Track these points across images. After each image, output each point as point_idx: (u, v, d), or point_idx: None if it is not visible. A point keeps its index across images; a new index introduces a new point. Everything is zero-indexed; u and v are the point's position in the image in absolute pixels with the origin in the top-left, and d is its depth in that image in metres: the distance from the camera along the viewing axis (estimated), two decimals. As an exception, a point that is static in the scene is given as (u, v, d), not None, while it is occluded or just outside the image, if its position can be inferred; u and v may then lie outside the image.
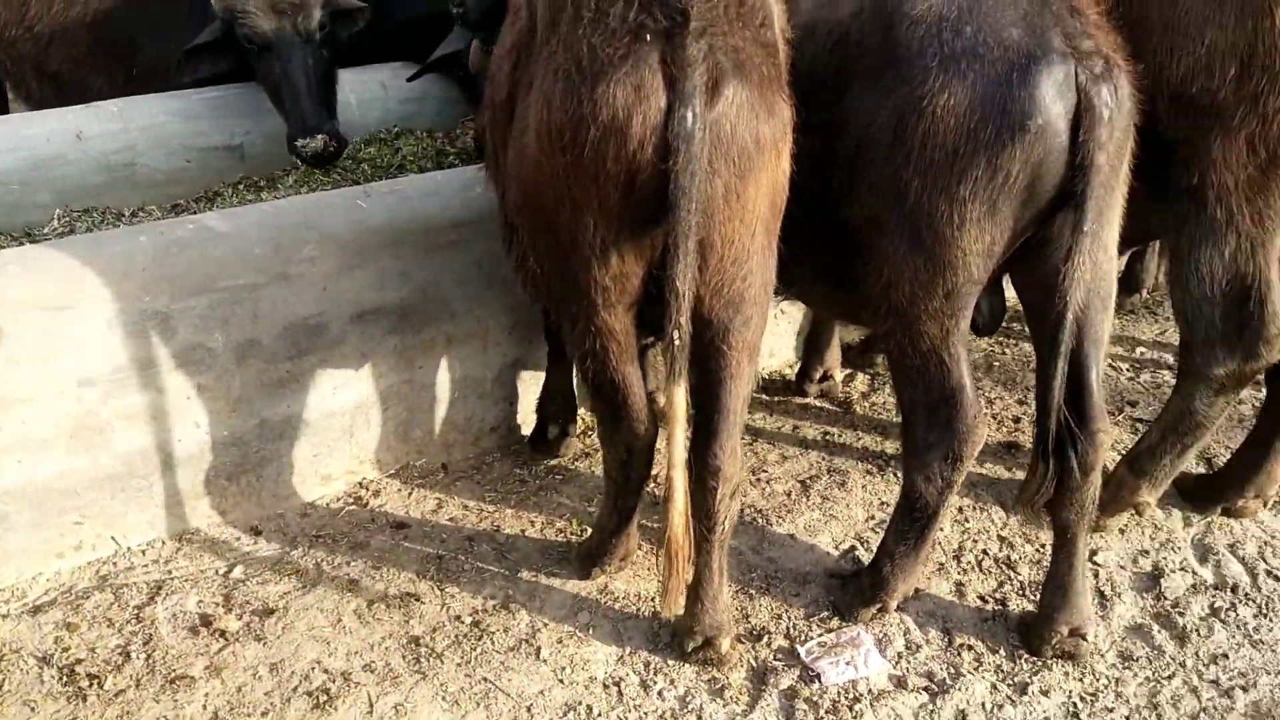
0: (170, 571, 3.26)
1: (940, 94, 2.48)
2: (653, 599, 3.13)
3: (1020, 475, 3.70)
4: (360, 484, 3.65)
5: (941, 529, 3.28)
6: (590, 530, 3.37)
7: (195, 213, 4.03)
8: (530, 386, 3.88)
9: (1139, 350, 4.53)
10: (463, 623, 3.08)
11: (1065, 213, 2.59)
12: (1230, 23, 2.82)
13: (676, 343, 2.41)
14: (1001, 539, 3.45)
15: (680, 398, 2.47)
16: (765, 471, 3.75)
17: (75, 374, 3.11)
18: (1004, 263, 2.72)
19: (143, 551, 3.33)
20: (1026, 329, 3.28)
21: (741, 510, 3.47)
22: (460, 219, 3.62)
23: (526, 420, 3.92)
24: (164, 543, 3.37)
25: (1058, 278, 2.56)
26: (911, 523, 2.97)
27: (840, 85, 2.69)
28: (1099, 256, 2.62)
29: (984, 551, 3.40)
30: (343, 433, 3.58)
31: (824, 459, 3.83)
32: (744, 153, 2.42)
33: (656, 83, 2.33)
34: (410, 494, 3.63)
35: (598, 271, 2.53)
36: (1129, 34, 2.72)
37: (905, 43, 2.55)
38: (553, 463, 3.80)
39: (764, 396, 4.15)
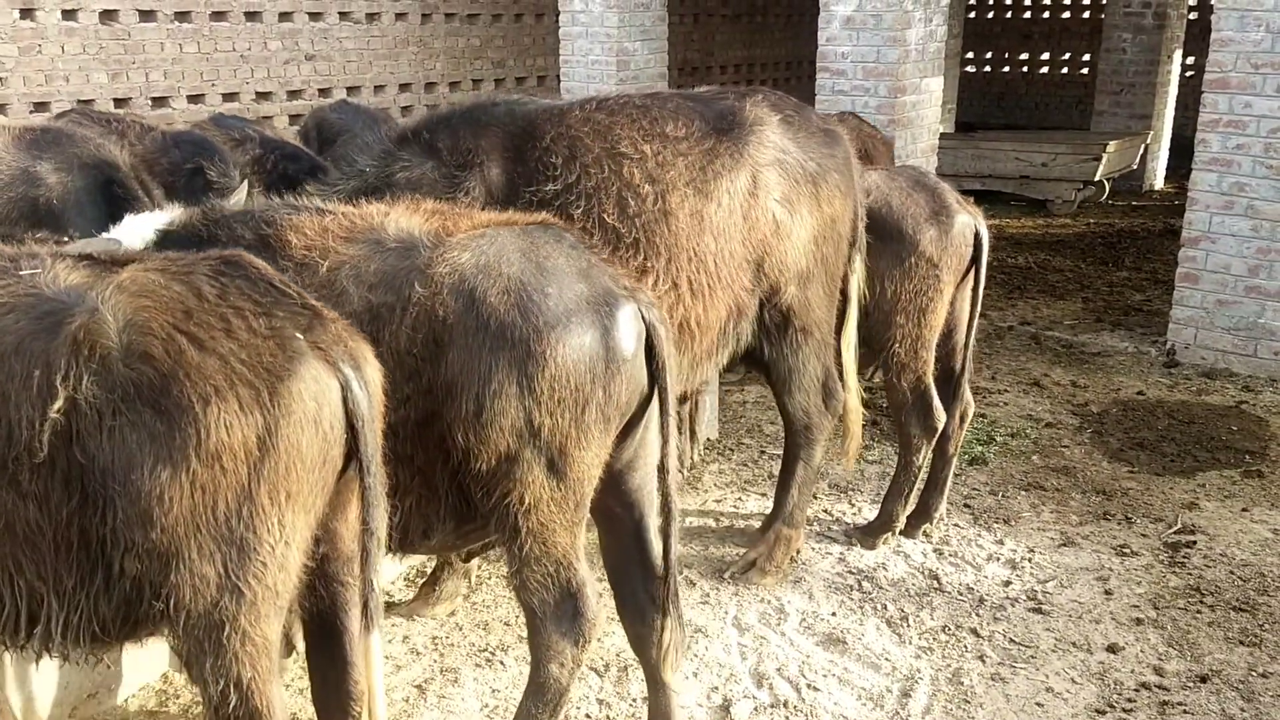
0: None
1: (558, 347, 2.98)
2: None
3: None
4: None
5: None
6: None
7: None
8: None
9: (688, 520, 5.31)
10: None
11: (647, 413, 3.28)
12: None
13: (374, 589, 2.72)
14: (600, 700, 3.92)
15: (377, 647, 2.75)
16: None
17: None
18: None
19: None
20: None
21: (364, 724, 3.66)
22: None
23: None
24: None
25: (638, 470, 3.32)
26: (544, 704, 3.31)
27: (436, 354, 3.01)
28: None
29: (587, 716, 3.84)
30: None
31: (436, 661, 4.12)
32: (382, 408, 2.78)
33: (324, 369, 2.57)
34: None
35: (274, 575, 2.57)
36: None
37: (500, 313, 2.98)
38: None
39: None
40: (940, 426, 4.94)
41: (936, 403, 4.91)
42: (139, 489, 2.45)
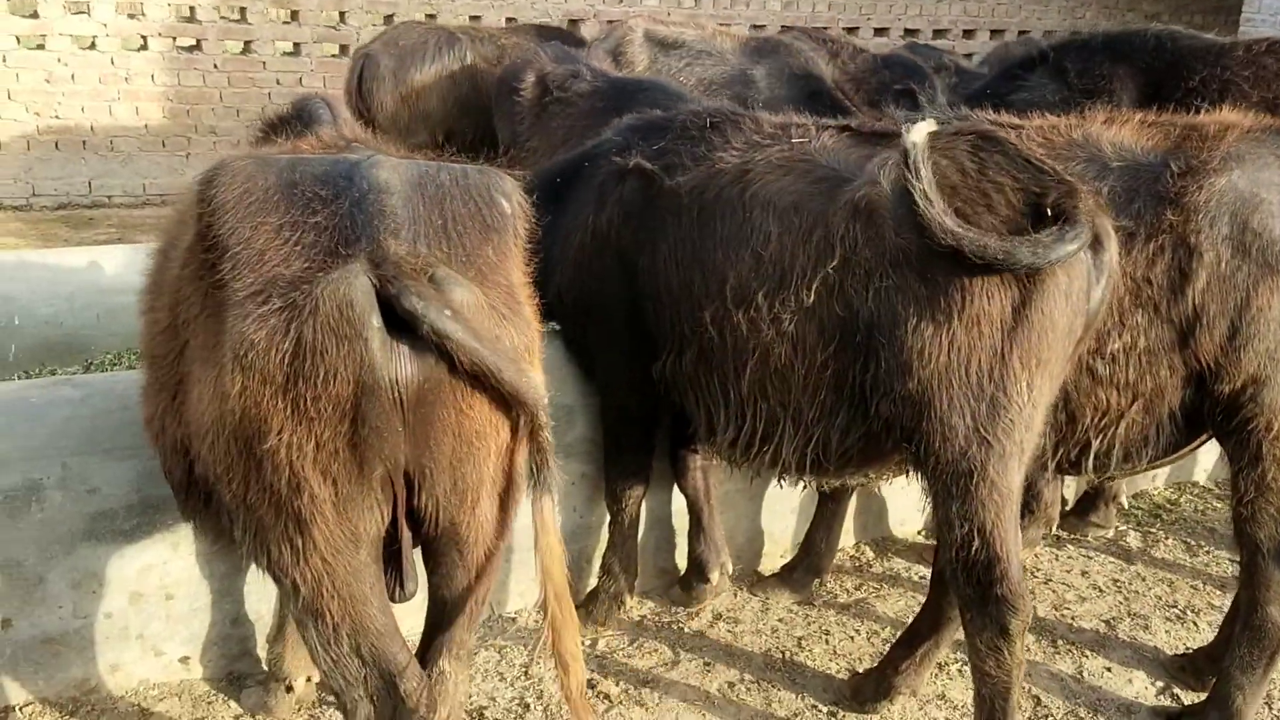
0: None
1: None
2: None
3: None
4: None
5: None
6: None
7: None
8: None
9: None
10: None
11: None
12: None
13: None
14: (1316, 693, 3.58)
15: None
16: (1068, 609, 3.94)
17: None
18: None
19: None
20: None
21: (1054, 643, 3.71)
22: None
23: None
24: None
25: None
26: (1261, 652, 3.12)
27: (1180, 283, 2.91)
28: None
29: (1301, 703, 3.53)
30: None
31: (1122, 604, 4.01)
32: None
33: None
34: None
35: (1020, 433, 2.75)
36: None
37: (1263, 239, 2.86)
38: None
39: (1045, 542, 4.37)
40: None
41: None
42: (901, 344, 2.68)
